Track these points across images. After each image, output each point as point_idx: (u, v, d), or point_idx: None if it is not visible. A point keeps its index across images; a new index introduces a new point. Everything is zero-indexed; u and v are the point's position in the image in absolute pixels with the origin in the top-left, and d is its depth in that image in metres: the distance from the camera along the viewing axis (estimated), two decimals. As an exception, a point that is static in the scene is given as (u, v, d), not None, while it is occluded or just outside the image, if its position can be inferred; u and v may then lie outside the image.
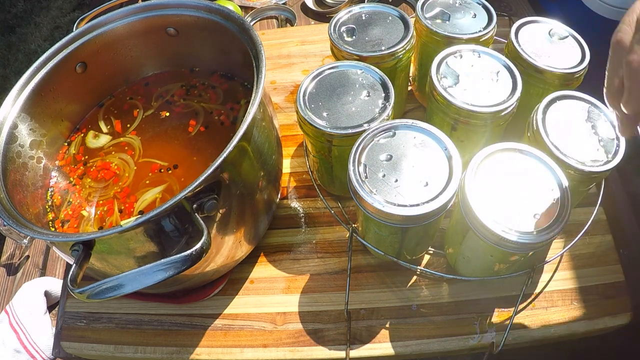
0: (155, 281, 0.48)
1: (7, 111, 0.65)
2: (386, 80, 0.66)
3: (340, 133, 0.61)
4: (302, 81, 0.66)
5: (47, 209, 0.68)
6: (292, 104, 0.93)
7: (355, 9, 0.75)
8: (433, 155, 0.56)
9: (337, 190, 0.77)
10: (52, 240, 0.54)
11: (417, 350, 0.67)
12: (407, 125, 0.59)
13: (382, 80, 0.66)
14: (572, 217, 0.54)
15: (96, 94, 0.78)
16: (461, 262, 0.65)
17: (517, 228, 0.51)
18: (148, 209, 0.66)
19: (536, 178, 0.55)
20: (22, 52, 2.49)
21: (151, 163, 0.71)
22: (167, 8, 0.72)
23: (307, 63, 0.99)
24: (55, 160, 0.72)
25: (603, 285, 0.69)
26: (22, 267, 1.14)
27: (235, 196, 0.59)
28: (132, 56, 0.77)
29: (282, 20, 1.20)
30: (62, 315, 0.75)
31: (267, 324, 0.70)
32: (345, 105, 0.64)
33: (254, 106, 0.57)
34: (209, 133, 0.73)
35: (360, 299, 0.70)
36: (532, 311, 0.68)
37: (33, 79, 0.67)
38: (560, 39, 0.69)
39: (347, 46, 0.70)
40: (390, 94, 0.64)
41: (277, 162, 0.70)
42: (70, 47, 0.70)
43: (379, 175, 0.55)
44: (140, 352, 0.70)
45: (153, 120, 0.76)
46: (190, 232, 0.55)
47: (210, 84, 0.78)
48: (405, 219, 0.53)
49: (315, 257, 0.75)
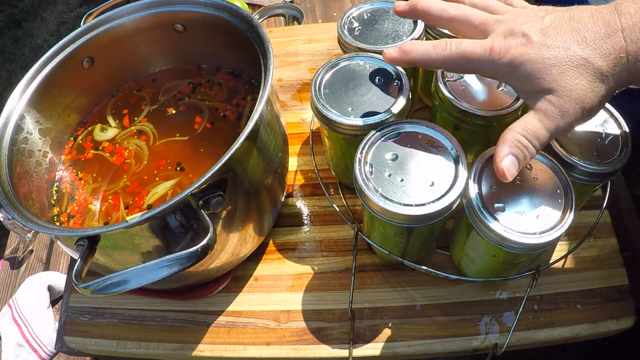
0: (160, 277, 0.48)
1: (14, 105, 0.65)
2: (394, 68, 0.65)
3: (373, 122, 0.60)
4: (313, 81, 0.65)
5: (53, 203, 0.68)
6: (299, 102, 0.93)
7: (365, 6, 0.75)
8: (439, 155, 0.56)
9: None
10: (57, 234, 0.54)
11: (420, 351, 0.67)
12: (413, 125, 0.59)
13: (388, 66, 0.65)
14: (577, 219, 0.54)
15: (103, 89, 0.78)
16: (465, 262, 0.65)
17: (519, 229, 0.51)
18: (158, 202, 0.66)
19: (540, 179, 0.54)
20: (28, 47, 2.50)
21: (162, 155, 0.71)
22: (175, 4, 0.72)
23: (314, 61, 0.99)
24: (61, 155, 0.72)
25: (607, 289, 0.69)
26: (25, 261, 1.14)
27: (241, 193, 0.59)
28: (140, 52, 0.77)
29: (290, 18, 1.20)
30: (66, 310, 0.75)
31: (271, 321, 0.70)
32: (363, 96, 0.63)
33: (262, 104, 0.57)
34: (215, 130, 0.73)
35: (365, 298, 0.70)
36: (536, 313, 0.68)
37: (40, 74, 0.67)
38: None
39: (356, 40, 0.70)
40: (402, 76, 0.64)
41: (283, 159, 0.70)
42: (78, 42, 0.70)
43: (384, 174, 0.55)
44: (144, 347, 0.70)
45: (159, 117, 0.76)
46: (195, 229, 0.55)
47: (217, 80, 0.78)
48: (411, 218, 0.52)
49: (320, 256, 0.75)
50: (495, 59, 0.48)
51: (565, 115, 0.47)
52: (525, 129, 0.48)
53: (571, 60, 0.45)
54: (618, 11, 0.45)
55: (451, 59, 0.51)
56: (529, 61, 0.47)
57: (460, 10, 0.53)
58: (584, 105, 0.46)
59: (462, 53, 0.50)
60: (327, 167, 0.80)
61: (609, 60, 0.45)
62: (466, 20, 0.53)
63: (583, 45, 0.45)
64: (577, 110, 0.46)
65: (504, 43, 0.48)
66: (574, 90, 0.46)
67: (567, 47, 0.46)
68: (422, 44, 0.53)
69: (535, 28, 0.48)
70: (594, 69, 0.45)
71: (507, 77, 0.50)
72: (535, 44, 0.47)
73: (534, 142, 0.48)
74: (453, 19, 0.54)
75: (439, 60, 0.52)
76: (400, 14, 0.58)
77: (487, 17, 0.52)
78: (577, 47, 0.45)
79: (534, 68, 0.47)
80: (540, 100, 0.47)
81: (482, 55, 0.49)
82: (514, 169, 0.48)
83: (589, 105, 0.46)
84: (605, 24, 0.45)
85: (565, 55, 0.46)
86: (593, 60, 0.45)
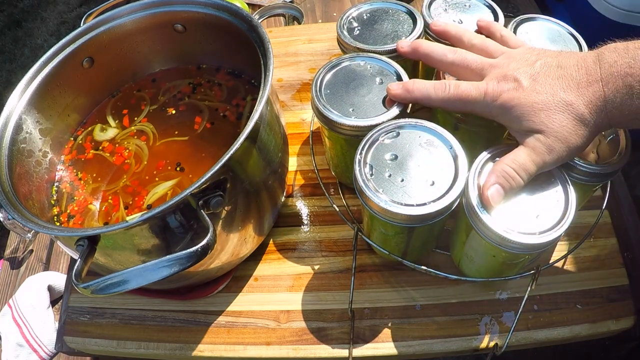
0: (160, 277, 0.48)
1: (14, 105, 0.65)
2: (393, 66, 0.65)
3: (374, 123, 0.60)
4: (314, 81, 0.65)
5: (53, 203, 0.68)
6: (299, 102, 0.93)
7: (365, 6, 0.75)
8: (439, 155, 0.56)
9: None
10: (57, 234, 0.54)
11: (420, 351, 0.67)
12: (412, 125, 0.59)
13: (388, 67, 0.65)
14: (577, 219, 0.54)
15: (103, 89, 0.78)
16: (465, 262, 0.65)
17: (519, 229, 0.51)
18: (158, 203, 0.66)
19: (540, 179, 0.55)
20: (28, 47, 2.50)
21: (162, 155, 0.71)
22: (175, 4, 0.72)
23: (314, 61, 0.99)
24: (61, 155, 0.72)
25: (607, 289, 0.69)
26: (25, 261, 1.14)
27: (241, 193, 0.60)
28: (140, 52, 0.77)
29: (290, 18, 1.20)
30: (66, 310, 0.75)
31: (271, 321, 0.70)
32: (364, 97, 0.63)
33: (262, 104, 0.57)
34: (215, 130, 0.73)
35: (364, 298, 0.70)
36: (535, 313, 0.68)
37: (40, 74, 0.67)
38: (559, 38, 0.69)
39: (355, 41, 0.70)
40: (403, 77, 0.64)
41: (283, 160, 0.70)
42: (78, 42, 0.70)
43: (384, 175, 0.55)
44: (144, 347, 0.70)
45: (159, 117, 0.76)
46: (195, 229, 0.55)
47: (217, 81, 0.78)
48: (412, 218, 0.52)
49: (319, 256, 0.75)
50: (489, 101, 0.53)
51: (552, 152, 0.50)
52: (514, 161, 0.51)
53: (557, 105, 0.49)
54: (600, 60, 0.49)
55: (450, 100, 0.56)
56: (519, 105, 0.51)
57: (459, 55, 0.58)
58: (569, 145, 0.50)
59: (459, 95, 0.55)
60: (327, 167, 0.80)
61: (590, 107, 0.49)
62: (464, 65, 0.57)
63: (568, 92, 0.49)
64: (562, 149, 0.50)
65: (497, 87, 0.52)
66: (560, 132, 0.50)
67: (554, 93, 0.50)
68: (424, 84, 0.58)
69: (526, 74, 0.52)
70: (577, 113, 0.49)
71: (500, 117, 0.53)
72: (525, 89, 0.51)
73: (520, 174, 0.51)
74: (452, 64, 0.58)
75: (438, 100, 0.57)
76: (404, 54, 0.64)
77: (482, 61, 0.56)
78: (563, 93, 0.49)
79: (524, 111, 0.51)
80: (530, 137, 0.51)
81: (477, 98, 0.54)
82: (498, 197, 0.52)
83: (573, 145, 0.50)
84: (588, 72, 0.49)
85: (552, 101, 0.50)
86: (577, 106, 0.49)
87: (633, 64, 0.46)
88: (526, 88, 0.51)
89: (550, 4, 1.28)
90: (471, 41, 0.60)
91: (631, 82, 0.46)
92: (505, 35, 0.62)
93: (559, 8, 1.26)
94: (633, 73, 0.46)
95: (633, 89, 0.46)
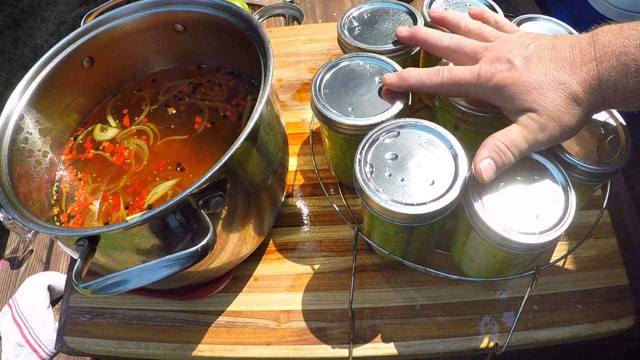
0: (160, 277, 0.48)
1: (14, 105, 0.65)
2: (392, 65, 0.65)
3: (373, 122, 0.60)
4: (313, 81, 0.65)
5: (53, 203, 0.68)
6: (299, 102, 0.93)
7: (365, 6, 0.75)
8: (439, 154, 0.56)
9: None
10: (57, 234, 0.54)
11: (420, 351, 0.67)
12: (413, 124, 0.59)
13: (387, 66, 0.65)
14: (577, 219, 0.54)
15: (103, 89, 0.78)
16: (465, 262, 0.65)
17: (519, 228, 0.51)
18: (158, 202, 0.66)
19: (540, 178, 0.55)
20: (28, 47, 2.50)
21: (162, 155, 0.71)
22: (175, 4, 0.72)
23: (314, 61, 0.99)
24: (61, 155, 0.72)
25: (607, 289, 0.69)
26: (25, 261, 1.14)
27: (241, 193, 0.59)
28: (140, 52, 0.77)
29: (290, 18, 1.20)
30: (66, 310, 0.75)
31: (271, 321, 0.70)
32: (363, 96, 0.63)
33: (262, 104, 0.57)
34: (215, 129, 0.73)
35: (365, 298, 0.70)
36: (535, 313, 0.68)
37: (40, 74, 0.67)
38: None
39: (356, 40, 0.70)
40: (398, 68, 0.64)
41: (283, 159, 0.70)
42: (78, 42, 0.70)
43: (385, 174, 0.55)
44: (143, 347, 0.70)
45: (159, 117, 0.76)
46: (195, 229, 0.55)
47: (217, 80, 0.78)
48: (412, 217, 0.53)
49: (319, 256, 0.75)
50: (482, 83, 0.54)
51: (544, 130, 0.51)
52: (505, 137, 0.52)
53: (550, 84, 0.50)
54: (594, 40, 0.49)
55: (444, 84, 0.57)
56: (512, 84, 0.52)
57: (454, 40, 0.59)
58: (562, 124, 0.50)
59: (453, 79, 0.56)
60: (327, 167, 0.80)
61: (584, 86, 0.49)
62: (459, 49, 0.58)
63: (562, 71, 0.50)
64: (555, 127, 0.51)
65: (490, 68, 0.53)
66: (553, 111, 0.50)
67: (548, 72, 0.50)
68: (418, 71, 0.59)
69: (520, 55, 0.52)
70: (571, 92, 0.49)
71: (493, 98, 0.54)
72: (518, 69, 0.52)
73: (512, 150, 0.51)
74: (447, 48, 0.59)
75: (432, 86, 0.58)
76: (402, 39, 0.66)
77: (477, 45, 0.57)
78: (557, 73, 0.50)
79: (517, 90, 0.51)
80: (522, 116, 0.52)
81: (471, 81, 0.54)
82: (490, 171, 0.51)
83: (566, 124, 0.50)
84: (582, 53, 0.49)
85: (546, 80, 0.50)
86: (570, 84, 0.49)
87: (627, 43, 0.47)
88: (519, 68, 0.51)
89: (550, 4, 1.28)
90: (467, 26, 0.61)
91: (626, 61, 0.47)
92: (500, 21, 0.62)
93: (559, 8, 1.26)
94: (628, 52, 0.47)
95: (628, 67, 0.46)
